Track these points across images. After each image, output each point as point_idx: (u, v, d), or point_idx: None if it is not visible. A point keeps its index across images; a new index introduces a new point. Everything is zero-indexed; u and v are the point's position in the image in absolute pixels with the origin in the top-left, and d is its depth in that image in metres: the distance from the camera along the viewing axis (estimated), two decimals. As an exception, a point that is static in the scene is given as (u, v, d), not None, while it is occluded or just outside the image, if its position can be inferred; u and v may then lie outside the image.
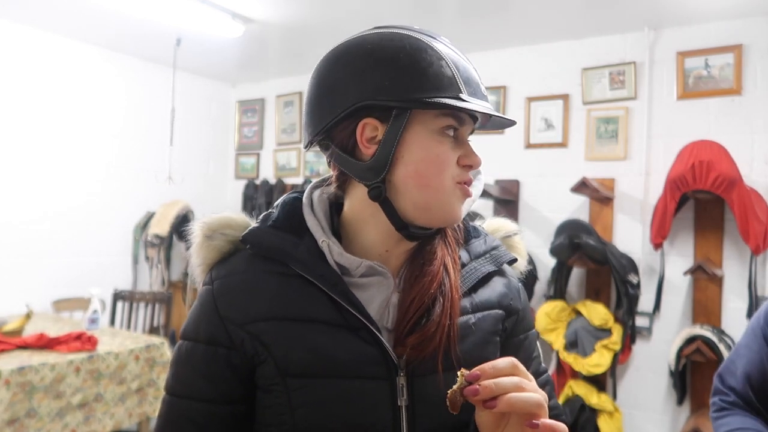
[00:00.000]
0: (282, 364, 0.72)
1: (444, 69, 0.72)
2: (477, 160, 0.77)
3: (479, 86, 0.76)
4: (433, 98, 0.71)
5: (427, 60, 0.72)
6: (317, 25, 3.35)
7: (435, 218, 0.76)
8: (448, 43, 0.77)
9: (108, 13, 3.31)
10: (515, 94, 3.69)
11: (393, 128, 0.73)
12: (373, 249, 0.79)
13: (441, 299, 0.74)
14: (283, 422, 0.72)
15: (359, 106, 0.72)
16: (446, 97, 0.71)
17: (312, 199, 0.82)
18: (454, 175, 0.75)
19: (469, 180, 0.77)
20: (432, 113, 0.73)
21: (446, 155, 0.74)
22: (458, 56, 0.76)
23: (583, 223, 3.23)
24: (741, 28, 3.00)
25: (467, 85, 0.74)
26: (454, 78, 0.73)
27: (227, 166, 4.97)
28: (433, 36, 0.76)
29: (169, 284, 4.15)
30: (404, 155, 0.74)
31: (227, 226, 0.82)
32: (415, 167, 0.73)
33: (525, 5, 3.02)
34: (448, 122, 0.74)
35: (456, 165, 0.75)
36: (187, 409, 0.76)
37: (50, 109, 3.73)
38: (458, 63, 0.74)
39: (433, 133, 0.74)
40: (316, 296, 0.74)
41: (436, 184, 0.74)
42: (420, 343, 0.72)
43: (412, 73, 0.71)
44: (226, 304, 0.76)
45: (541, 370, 0.87)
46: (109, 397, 2.49)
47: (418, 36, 0.74)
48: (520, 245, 0.92)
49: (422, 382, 0.72)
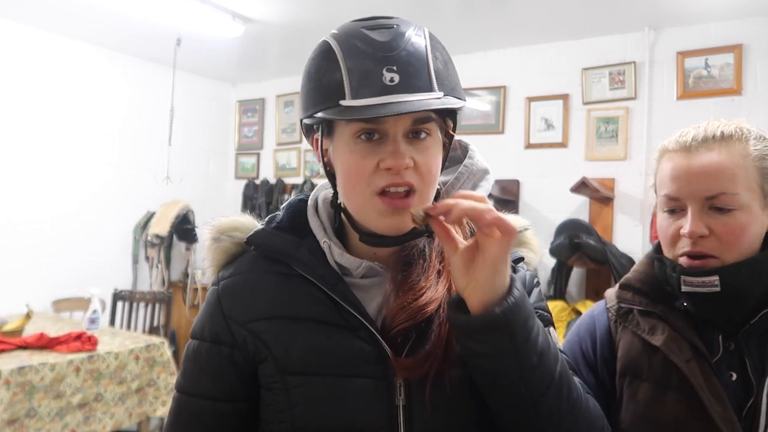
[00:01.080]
0: (281, 362, 0.73)
1: (334, 74, 0.70)
2: (393, 162, 0.69)
3: (380, 78, 0.68)
4: (318, 111, 0.71)
5: (324, 68, 0.72)
6: (317, 25, 3.35)
7: (374, 229, 0.74)
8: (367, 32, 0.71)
9: (108, 13, 3.31)
10: (515, 94, 3.69)
11: (320, 143, 0.77)
12: (363, 250, 0.79)
13: (437, 324, 0.72)
14: (282, 420, 0.73)
15: (303, 123, 0.78)
16: (328, 108, 0.70)
17: (317, 200, 0.84)
18: (373, 183, 0.71)
19: (389, 183, 0.70)
20: (343, 122, 0.71)
21: (357, 164, 0.71)
22: (361, 49, 0.69)
23: (583, 223, 3.23)
24: (741, 28, 3.00)
25: (355, 84, 0.68)
26: (341, 82, 0.69)
27: (227, 166, 4.97)
28: (355, 28, 0.72)
29: (169, 284, 4.14)
30: (336, 168, 0.76)
31: (234, 228, 0.84)
32: (341, 179, 0.75)
33: (525, 5, 3.02)
34: (357, 127, 0.71)
35: (375, 170, 0.71)
36: (193, 406, 0.78)
37: (50, 109, 3.72)
38: (356, 59, 0.69)
39: (347, 143, 0.72)
40: (316, 296, 0.75)
41: (354, 196, 0.74)
42: (412, 367, 0.71)
43: (312, 87, 0.73)
44: (229, 303, 0.78)
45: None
46: (109, 397, 2.49)
47: (333, 39, 0.72)
48: (533, 241, 0.90)
49: (420, 382, 0.72)
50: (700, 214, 0.84)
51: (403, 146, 0.71)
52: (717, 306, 0.85)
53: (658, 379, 0.87)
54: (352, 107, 0.68)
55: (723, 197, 0.82)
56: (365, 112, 0.67)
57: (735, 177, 0.82)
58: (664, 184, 0.88)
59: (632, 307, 0.93)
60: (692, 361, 0.84)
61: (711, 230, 0.83)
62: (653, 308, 0.91)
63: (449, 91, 0.72)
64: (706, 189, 0.83)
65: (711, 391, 0.82)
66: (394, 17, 0.74)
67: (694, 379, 0.83)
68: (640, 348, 0.90)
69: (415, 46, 0.71)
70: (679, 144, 0.88)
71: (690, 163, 0.85)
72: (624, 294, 0.95)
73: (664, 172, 0.89)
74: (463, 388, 0.73)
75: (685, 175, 0.85)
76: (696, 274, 0.84)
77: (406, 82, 0.69)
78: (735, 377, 0.84)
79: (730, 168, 0.83)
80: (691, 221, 0.83)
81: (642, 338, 0.90)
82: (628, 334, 0.92)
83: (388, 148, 0.70)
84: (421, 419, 0.72)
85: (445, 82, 0.72)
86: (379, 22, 0.73)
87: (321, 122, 0.74)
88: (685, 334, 0.87)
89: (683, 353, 0.85)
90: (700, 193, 0.83)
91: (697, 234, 0.83)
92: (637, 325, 0.91)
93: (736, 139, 0.85)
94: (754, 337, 0.84)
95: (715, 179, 0.82)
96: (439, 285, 0.75)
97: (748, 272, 0.83)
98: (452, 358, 0.72)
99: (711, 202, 0.83)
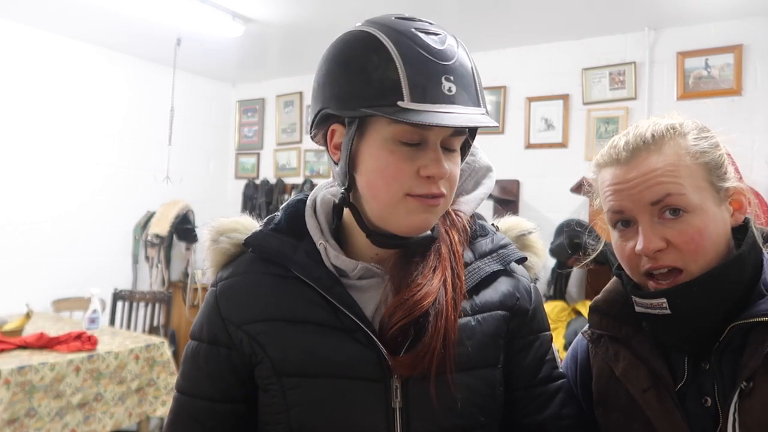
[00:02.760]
0: (277, 364, 0.73)
1: (389, 73, 0.67)
2: (436, 170, 0.70)
3: (440, 86, 0.68)
4: (369, 107, 0.68)
5: (375, 63, 0.68)
6: (317, 25, 3.35)
7: (393, 229, 0.74)
8: (422, 35, 0.70)
9: (108, 13, 3.31)
10: (515, 94, 3.69)
11: (347, 137, 0.73)
12: (364, 251, 0.79)
13: (433, 316, 0.72)
14: (278, 421, 0.73)
15: (323, 113, 0.74)
16: (383, 106, 0.67)
17: (316, 201, 0.83)
18: (407, 187, 0.70)
19: (427, 192, 0.71)
20: (385, 121, 0.69)
21: (396, 167, 0.70)
22: (420, 53, 0.68)
23: (583, 223, 3.23)
24: (741, 28, 3.00)
25: (417, 88, 0.67)
26: (398, 82, 0.67)
27: (227, 166, 4.97)
28: (407, 28, 0.70)
29: (169, 284, 4.14)
30: (361, 164, 0.73)
31: (233, 229, 0.84)
32: (368, 177, 0.73)
33: (525, 5, 3.02)
34: (402, 130, 0.69)
35: (414, 176, 0.70)
36: (192, 407, 0.78)
37: (50, 109, 3.72)
38: (415, 62, 0.68)
39: (385, 143, 0.71)
40: (312, 298, 0.75)
41: (383, 196, 0.72)
42: (412, 363, 0.71)
43: (358, 81, 0.70)
44: (226, 305, 0.78)
45: (554, 374, 0.84)
46: (108, 397, 2.49)
47: (381, 33, 0.70)
48: (537, 244, 0.90)
49: (417, 384, 0.71)
50: (651, 225, 0.75)
51: (441, 156, 0.71)
52: (671, 329, 0.77)
53: (624, 410, 0.81)
54: (412, 110, 0.66)
55: (669, 199, 0.74)
56: (428, 117, 0.66)
57: (677, 176, 0.75)
58: (607, 201, 0.81)
59: (601, 332, 0.86)
60: (650, 391, 0.77)
61: (667, 241, 0.75)
62: (618, 332, 0.83)
63: (485, 107, 0.74)
64: (649, 195, 0.75)
65: (669, 422, 0.74)
66: (432, 22, 0.74)
67: (650, 410, 0.76)
68: (608, 377, 0.84)
69: (464, 60, 0.71)
70: (611, 156, 0.80)
71: (627, 174, 0.77)
72: (593, 318, 0.88)
73: (604, 187, 0.81)
74: (463, 391, 0.73)
75: (625, 187, 0.77)
76: (643, 296, 0.77)
77: (461, 94, 0.69)
78: (709, 402, 0.75)
79: (670, 168, 0.75)
80: (643, 236, 0.75)
81: (609, 366, 0.83)
82: (599, 360, 0.86)
83: (429, 156, 0.70)
84: (418, 421, 0.71)
85: (484, 99, 0.74)
86: (428, 27, 0.72)
87: (360, 117, 0.71)
88: (647, 360, 0.79)
89: (640, 382, 0.78)
90: (644, 200, 0.76)
91: (652, 249, 0.75)
92: (605, 352, 0.84)
93: (670, 138, 0.77)
94: (727, 354, 0.75)
95: (656, 184, 0.75)
96: (434, 279, 0.74)
97: (699, 290, 0.73)
98: (451, 353, 0.72)
99: (659, 207, 0.75)
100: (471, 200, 0.87)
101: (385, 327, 0.73)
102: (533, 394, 0.82)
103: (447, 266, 0.76)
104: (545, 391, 0.82)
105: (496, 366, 0.78)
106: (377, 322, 0.74)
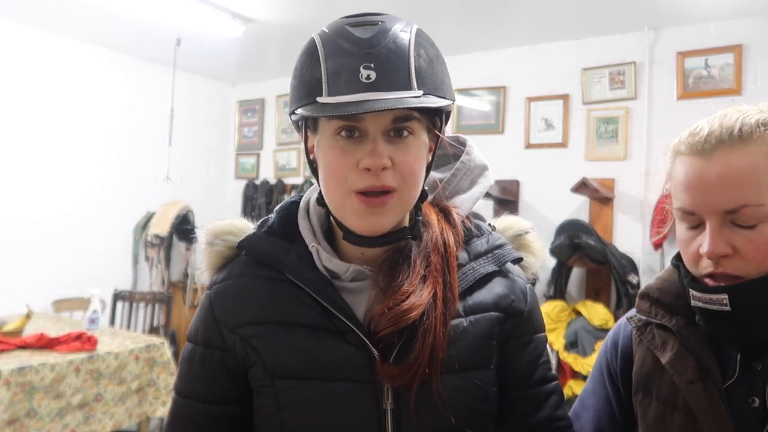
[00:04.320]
0: (270, 366, 0.74)
1: (315, 72, 0.70)
2: (372, 161, 0.68)
3: (357, 75, 0.67)
4: (299, 107, 0.71)
5: (307, 65, 0.71)
6: (318, 25, 3.31)
7: (351, 228, 0.74)
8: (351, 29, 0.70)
9: (108, 13, 3.31)
10: (515, 94, 3.69)
11: (305, 139, 0.77)
12: (351, 251, 0.78)
13: (421, 332, 0.71)
14: (271, 423, 0.74)
15: (291, 118, 0.77)
16: (307, 104, 0.69)
17: (309, 203, 0.83)
18: (351, 181, 0.70)
19: (369, 186, 0.69)
20: (324, 119, 0.71)
21: (337, 161, 0.70)
22: (342, 46, 0.69)
23: (583, 223, 3.23)
24: (741, 28, 3.00)
25: (333, 81, 0.68)
26: (320, 79, 0.69)
27: (227, 166, 4.97)
28: (341, 25, 0.71)
29: (169, 284, 4.14)
30: (318, 164, 0.75)
31: (229, 232, 0.84)
32: (321, 176, 0.75)
33: (525, 5, 3.02)
34: (337, 125, 0.70)
35: (354, 169, 0.70)
36: (189, 409, 0.79)
37: (50, 109, 3.72)
38: (335, 57, 0.69)
39: (328, 140, 0.72)
40: (305, 301, 0.75)
41: (332, 194, 0.73)
42: (398, 375, 0.70)
43: (296, 84, 0.73)
44: (220, 308, 0.78)
45: (548, 376, 0.83)
46: (109, 397, 2.49)
47: (318, 36, 0.72)
48: (534, 244, 0.88)
49: (408, 386, 0.71)
50: (720, 229, 0.71)
51: (382, 145, 0.70)
52: (729, 326, 0.73)
53: (666, 400, 0.79)
54: (327, 104, 0.67)
55: (746, 210, 0.69)
56: (338, 109, 0.66)
57: (759, 185, 0.68)
58: (678, 196, 0.76)
59: (649, 319, 0.83)
60: (697, 383, 0.75)
61: (734, 248, 0.70)
62: (669, 321, 0.81)
63: (431, 89, 0.70)
64: (725, 202, 0.70)
65: (714, 417, 0.72)
66: (385, 14, 0.73)
67: (695, 403, 0.74)
68: (652, 364, 0.82)
69: (397, 43, 0.69)
70: (692, 146, 0.74)
71: (705, 170, 0.71)
72: (642, 304, 0.85)
73: (678, 179, 0.76)
74: (452, 393, 0.72)
75: (700, 186, 0.72)
76: (703, 290, 0.73)
77: (383, 79, 0.67)
78: (757, 403, 0.72)
79: (753, 175, 0.69)
80: (710, 240, 0.71)
81: (654, 354, 0.81)
82: (643, 347, 0.84)
83: (366, 147, 0.69)
84: (410, 423, 0.71)
85: (427, 81, 0.70)
86: (365, 19, 0.72)
87: (306, 118, 0.74)
88: (696, 352, 0.77)
89: (687, 373, 0.76)
90: (718, 206, 0.70)
91: (717, 254, 0.71)
92: (652, 339, 0.82)
93: (759, 136, 0.70)
94: None
95: (735, 189, 0.69)
96: (424, 291, 0.73)
97: (765, 290, 0.69)
98: (439, 366, 0.71)
99: (732, 216, 0.70)
100: (467, 199, 0.86)
101: (373, 332, 0.72)
102: (527, 395, 0.81)
103: (439, 278, 0.75)
104: (540, 392, 0.82)
105: (488, 367, 0.78)
106: (369, 324, 0.74)
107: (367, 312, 0.75)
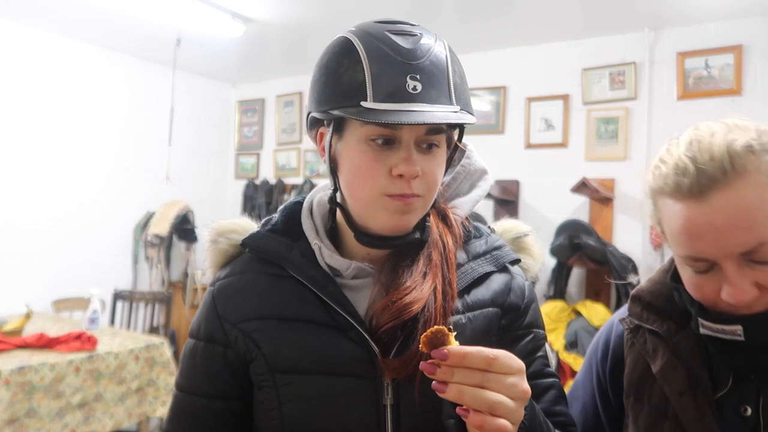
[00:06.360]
0: (271, 361, 0.75)
1: (357, 75, 0.69)
2: (406, 169, 0.70)
3: (404, 85, 0.68)
4: (337, 108, 0.70)
5: (345, 66, 0.71)
6: (317, 25, 3.35)
7: (374, 228, 0.75)
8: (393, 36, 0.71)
9: (108, 13, 3.31)
10: (515, 94, 3.69)
11: (327, 138, 0.76)
12: (357, 251, 0.80)
13: (422, 323, 0.72)
14: (272, 417, 0.75)
15: (311, 116, 0.78)
16: (348, 107, 0.69)
17: (312, 203, 0.85)
18: (382, 186, 0.72)
19: (400, 192, 0.71)
20: (358, 122, 0.71)
21: (368, 166, 0.71)
22: (388, 53, 0.69)
23: (583, 223, 3.23)
24: (741, 28, 3.00)
25: (380, 88, 0.68)
26: (363, 83, 0.69)
27: (227, 166, 4.97)
28: (380, 31, 0.72)
29: (169, 284, 4.15)
30: (341, 165, 0.76)
31: (232, 230, 0.85)
32: (346, 178, 0.75)
33: (525, 5, 3.02)
34: (372, 130, 0.71)
35: (387, 175, 0.71)
36: (190, 404, 0.80)
37: (50, 109, 3.73)
38: (381, 63, 0.69)
39: (359, 143, 0.72)
40: (306, 297, 0.76)
41: (361, 195, 0.74)
42: (399, 368, 0.71)
43: (330, 83, 0.72)
44: (223, 303, 0.80)
45: (546, 371, 0.83)
46: (108, 397, 2.49)
47: (356, 38, 0.72)
48: (534, 247, 0.89)
49: (407, 382, 0.72)
50: (740, 270, 0.65)
51: (415, 155, 0.71)
52: (741, 354, 0.70)
53: (657, 407, 0.77)
54: (374, 110, 0.68)
55: (764, 248, 0.63)
56: (387, 116, 0.66)
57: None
58: (681, 244, 0.68)
59: (641, 324, 0.81)
60: (686, 394, 0.73)
61: (759, 285, 0.65)
62: (660, 327, 0.78)
63: (464, 105, 0.73)
64: (739, 244, 0.63)
65: (702, 429, 0.71)
66: (416, 24, 0.75)
67: (684, 414, 0.72)
68: (643, 370, 0.80)
69: (438, 57, 0.72)
70: (679, 187, 0.67)
71: (708, 216, 0.64)
72: (634, 308, 0.83)
73: (675, 227, 0.68)
74: None
75: (709, 232, 0.65)
76: (715, 320, 0.69)
77: (428, 92, 0.69)
78: (749, 412, 0.70)
79: (762, 209, 0.63)
80: (736, 288, 0.65)
81: (645, 359, 0.79)
82: (635, 352, 0.82)
83: (400, 155, 0.71)
84: (409, 418, 0.72)
85: (461, 96, 0.73)
86: (403, 28, 0.73)
87: (333, 118, 0.74)
88: (687, 361, 0.74)
89: (677, 384, 0.74)
90: (733, 250, 0.64)
91: (747, 302, 0.65)
92: (643, 344, 0.79)
93: (753, 165, 0.64)
94: None
95: (748, 230, 0.63)
96: (425, 285, 0.75)
97: None
98: None
99: (749, 255, 0.64)
100: (466, 202, 0.88)
101: (375, 328, 0.74)
102: None
103: (438, 273, 0.76)
104: (536, 385, 0.81)
105: None
106: (370, 321, 0.75)
107: (369, 308, 0.76)
